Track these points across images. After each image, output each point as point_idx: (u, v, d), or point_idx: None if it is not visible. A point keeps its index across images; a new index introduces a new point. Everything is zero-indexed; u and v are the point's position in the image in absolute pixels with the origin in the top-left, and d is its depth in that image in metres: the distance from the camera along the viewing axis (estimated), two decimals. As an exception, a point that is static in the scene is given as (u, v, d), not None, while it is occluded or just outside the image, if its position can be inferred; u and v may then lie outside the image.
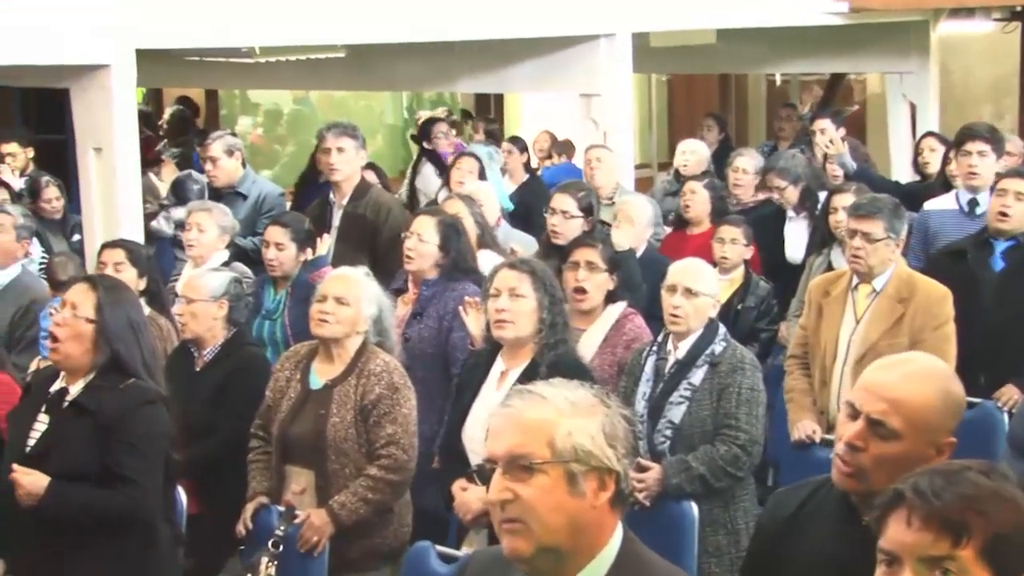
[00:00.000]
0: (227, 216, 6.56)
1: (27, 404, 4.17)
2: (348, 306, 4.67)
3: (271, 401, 4.77)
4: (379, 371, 4.61)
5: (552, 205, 6.33)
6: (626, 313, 5.28)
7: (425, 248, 5.57)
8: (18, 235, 5.99)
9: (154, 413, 4.01)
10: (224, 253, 6.44)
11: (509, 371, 4.51)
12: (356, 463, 4.56)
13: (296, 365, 4.78)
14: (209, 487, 5.02)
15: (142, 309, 4.25)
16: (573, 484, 2.29)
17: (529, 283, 4.47)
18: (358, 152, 6.83)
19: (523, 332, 4.47)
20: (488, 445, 2.36)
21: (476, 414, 4.45)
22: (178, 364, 5.25)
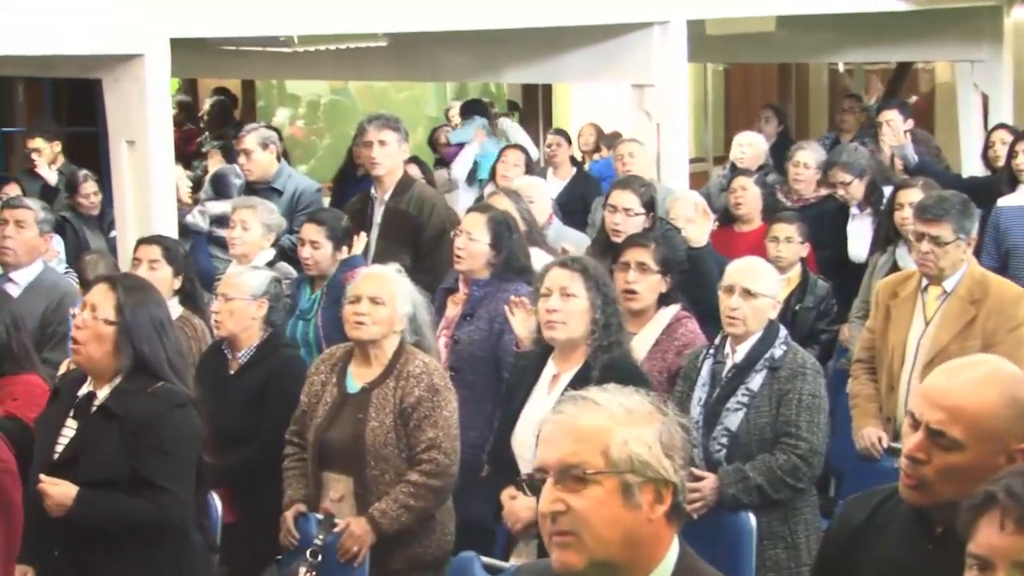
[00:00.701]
0: (273, 213, 6.59)
1: (54, 409, 4.20)
2: (383, 305, 4.68)
3: (306, 406, 4.78)
4: (418, 372, 4.62)
5: (612, 202, 6.30)
6: (679, 316, 5.27)
7: (476, 247, 5.57)
8: (40, 229, 6.04)
9: (184, 417, 4.03)
10: (269, 252, 6.47)
11: (561, 374, 4.50)
12: (396, 469, 4.57)
13: (332, 368, 4.80)
14: (245, 495, 5.04)
15: (167, 307, 4.26)
16: (628, 496, 2.28)
17: (581, 282, 4.46)
18: (400, 145, 6.83)
19: (575, 333, 4.46)
20: (539, 453, 2.35)
21: (526, 419, 4.44)
22: (211, 366, 5.28)
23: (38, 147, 8.96)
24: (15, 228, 5.95)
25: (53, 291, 5.84)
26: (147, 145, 6.54)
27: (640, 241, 5.46)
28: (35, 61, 6.72)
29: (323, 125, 14.55)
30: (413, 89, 15.16)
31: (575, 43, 8.87)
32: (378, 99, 14.44)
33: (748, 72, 15.92)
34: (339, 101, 14.73)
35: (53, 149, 8.99)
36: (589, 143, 11.91)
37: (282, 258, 6.69)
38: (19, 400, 4.46)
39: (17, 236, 5.93)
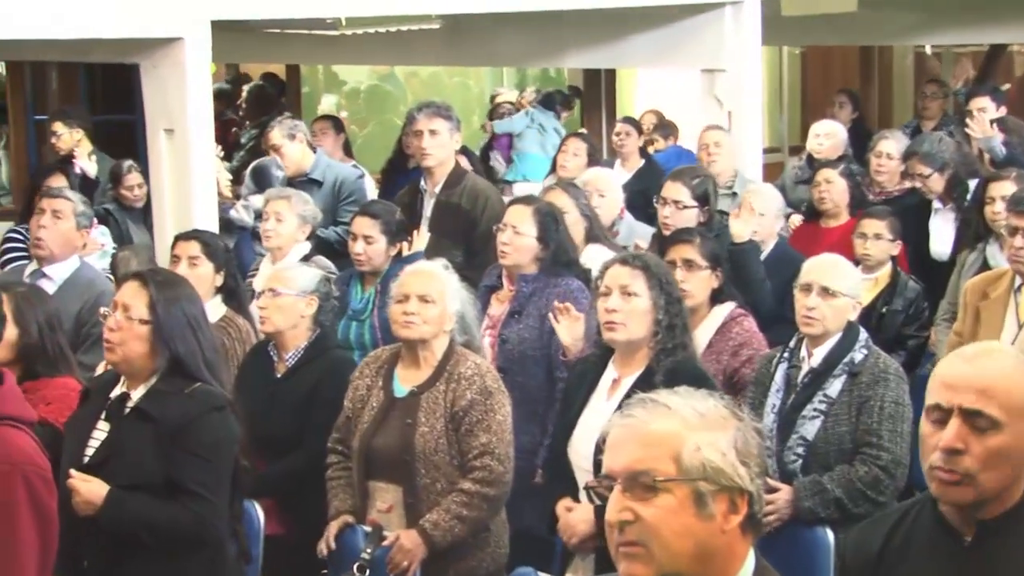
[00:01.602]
0: (308, 204, 6.61)
1: (86, 410, 4.25)
2: (433, 304, 4.70)
3: (351, 412, 4.81)
4: (470, 375, 4.64)
5: (663, 195, 6.30)
6: (734, 315, 5.26)
7: (522, 241, 5.59)
8: (78, 223, 6.04)
9: (221, 421, 4.07)
10: (305, 245, 6.50)
11: (622, 379, 4.50)
12: (448, 477, 4.59)
13: (377, 371, 4.82)
14: (292, 506, 5.07)
15: (200, 302, 4.30)
16: (701, 505, 2.28)
17: (643, 280, 4.46)
18: (452, 135, 6.84)
19: (636, 335, 4.46)
20: (605, 459, 2.35)
21: (584, 427, 4.45)
22: (256, 369, 5.30)
23: (57, 132, 9.00)
24: (51, 218, 5.94)
25: (90, 289, 5.85)
26: (187, 134, 6.60)
27: (684, 237, 5.46)
28: (69, 45, 6.78)
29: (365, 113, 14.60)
30: (467, 75, 15.19)
31: (641, 25, 8.86)
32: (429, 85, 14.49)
33: (827, 55, 15.82)
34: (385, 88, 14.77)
35: (73, 136, 9.02)
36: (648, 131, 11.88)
37: (328, 253, 6.71)
38: (53, 404, 4.48)
39: (53, 227, 5.93)
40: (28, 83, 10.89)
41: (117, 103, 11.17)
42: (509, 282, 5.66)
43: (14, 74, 10.89)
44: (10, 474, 3.24)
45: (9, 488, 3.23)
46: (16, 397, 3.44)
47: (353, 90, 14.71)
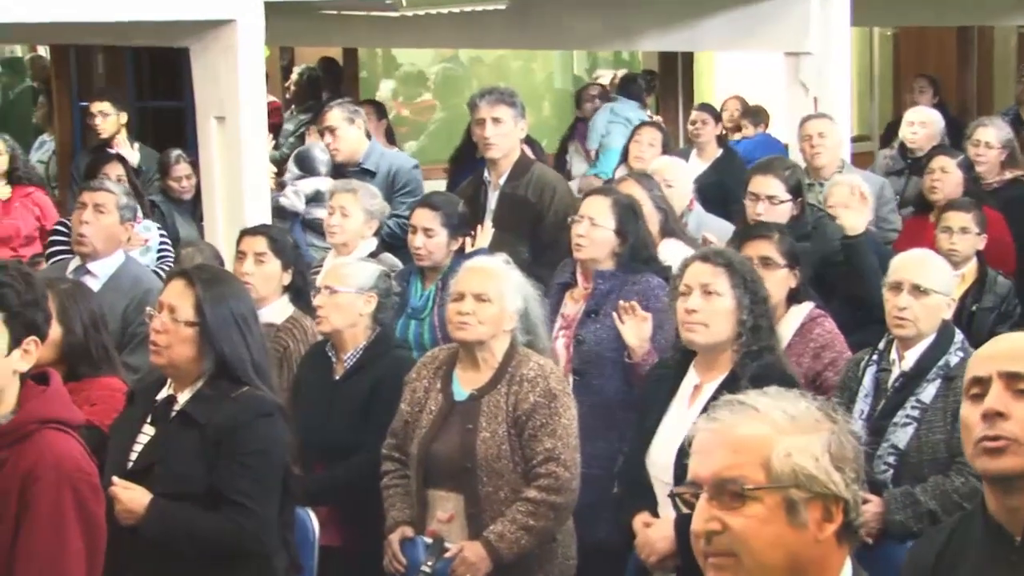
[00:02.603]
0: (375, 198, 6.62)
1: (131, 413, 4.29)
2: (490, 303, 4.71)
3: (408, 416, 4.83)
4: (533, 376, 4.65)
5: (753, 190, 6.27)
6: (813, 315, 5.24)
7: (599, 234, 5.58)
8: (122, 216, 6.08)
9: (269, 427, 4.10)
10: (372, 241, 6.52)
11: (704, 384, 4.49)
12: (511, 484, 4.60)
13: (435, 373, 4.84)
14: (350, 514, 5.10)
15: (250, 300, 4.35)
16: (793, 514, 2.29)
17: (726, 279, 4.45)
18: (517, 123, 6.84)
19: (719, 337, 4.45)
20: (692, 465, 2.36)
21: (663, 436, 4.44)
22: (314, 371, 5.33)
23: (105, 112, 9.04)
24: (93, 213, 5.99)
25: (136, 286, 5.88)
26: (239, 122, 6.65)
27: (762, 232, 5.44)
28: (115, 28, 6.84)
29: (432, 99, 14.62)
30: (535, 59, 15.18)
31: (720, 5, 8.83)
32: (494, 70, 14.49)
33: (921, 37, 15.67)
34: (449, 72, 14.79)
35: (119, 120, 9.08)
36: (733, 119, 11.84)
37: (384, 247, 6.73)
38: (97, 405, 4.52)
39: (95, 222, 5.98)
40: (73, 68, 10.99)
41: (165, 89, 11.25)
42: (584, 279, 5.64)
43: (58, 59, 10.99)
44: (58, 482, 3.28)
45: (57, 496, 3.27)
46: (62, 399, 3.47)
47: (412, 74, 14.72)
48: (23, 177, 8.58)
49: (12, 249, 8.30)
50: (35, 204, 8.55)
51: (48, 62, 11.91)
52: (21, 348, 3.34)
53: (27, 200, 8.53)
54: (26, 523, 3.25)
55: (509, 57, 14.92)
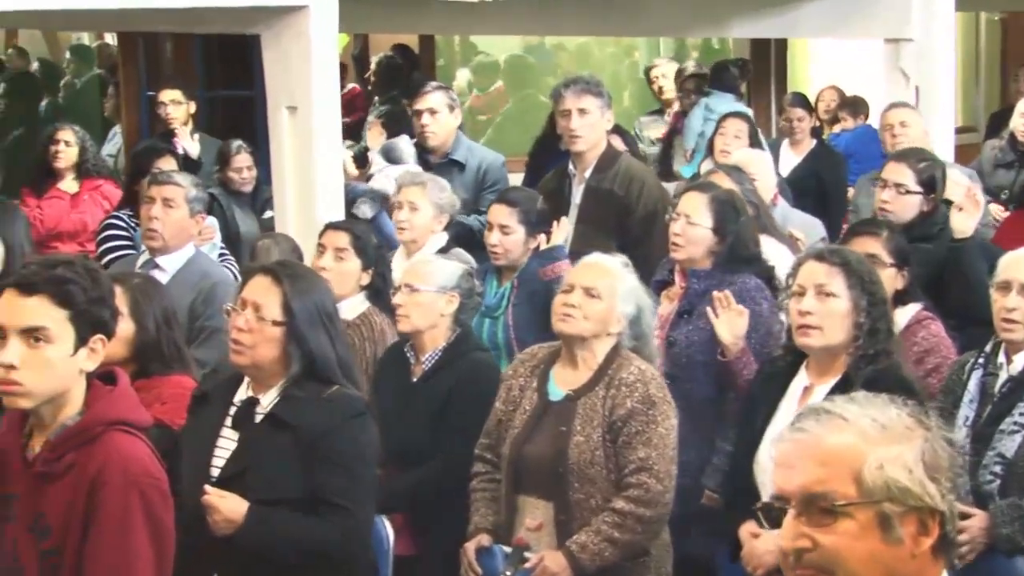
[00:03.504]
0: (444, 191, 6.60)
1: (207, 416, 4.29)
2: (599, 300, 4.71)
3: (502, 414, 4.84)
4: (632, 381, 4.64)
5: (883, 176, 6.23)
6: (920, 318, 5.21)
7: (696, 232, 5.55)
8: (191, 209, 6.13)
9: (363, 427, 4.13)
10: (442, 236, 6.50)
11: (815, 387, 4.48)
12: (604, 493, 4.59)
13: (532, 371, 4.85)
14: (425, 522, 5.12)
15: (333, 298, 4.37)
16: (887, 528, 2.27)
17: (841, 279, 4.43)
18: (603, 113, 6.83)
19: (833, 340, 4.44)
20: (776, 478, 2.35)
21: (771, 438, 4.40)
22: (391, 372, 5.35)
23: (177, 100, 9.11)
24: (163, 207, 6.04)
25: (204, 280, 5.94)
26: (311, 112, 6.68)
27: (870, 229, 5.40)
28: (184, 15, 6.91)
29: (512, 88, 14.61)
30: (621, 46, 15.15)
31: (817, -11, 8.78)
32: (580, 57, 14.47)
33: (1031, 22, 15.49)
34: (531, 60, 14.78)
35: (188, 109, 9.15)
36: (830, 110, 11.74)
37: (466, 243, 6.71)
38: (168, 404, 4.55)
39: (165, 216, 6.03)
40: (141, 56, 11.09)
41: (235, 78, 11.32)
42: (680, 278, 5.62)
43: (126, 46, 11.08)
44: (125, 487, 3.31)
45: (124, 503, 3.30)
46: (130, 400, 3.50)
47: (493, 63, 14.71)
48: (92, 170, 8.69)
49: (80, 244, 8.40)
50: (104, 197, 8.65)
51: (116, 50, 12.03)
52: (87, 347, 3.38)
53: (96, 193, 8.64)
54: (93, 529, 3.29)
55: (593, 45, 14.90)
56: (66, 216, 8.49)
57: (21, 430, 3.44)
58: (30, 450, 3.41)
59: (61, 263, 3.40)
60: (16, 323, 3.32)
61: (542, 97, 12.19)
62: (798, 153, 9.48)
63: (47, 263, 3.42)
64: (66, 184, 8.63)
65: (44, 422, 3.39)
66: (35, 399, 3.34)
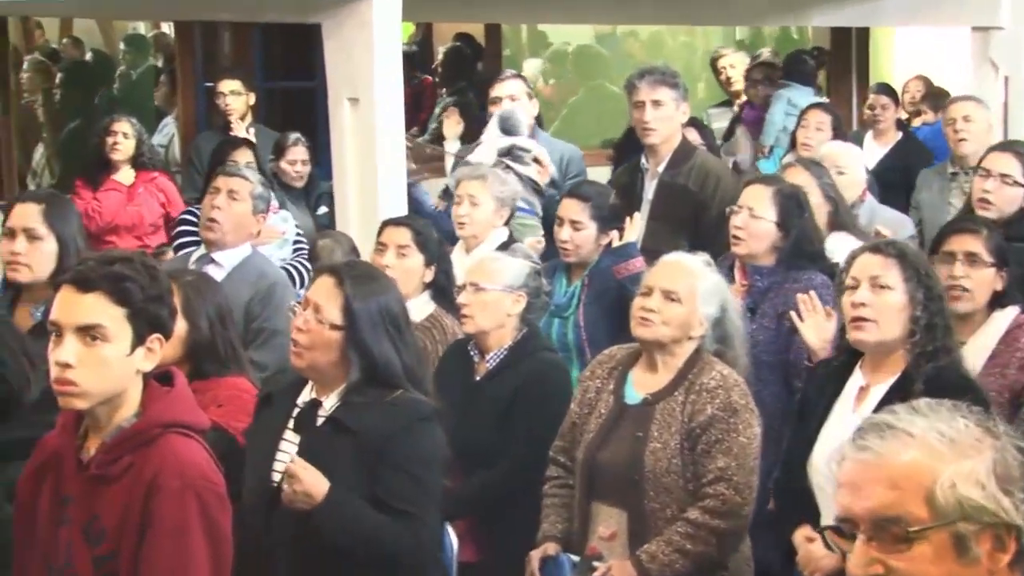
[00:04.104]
0: (506, 184, 6.61)
1: (269, 419, 4.32)
2: (679, 303, 4.70)
3: (577, 417, 4.83)
4: (713, 386, 4.63)
5: (986, 166, 6.20)
6: (1021, 321, 5.15)
7: (759, 226, 5.55)
8: (255, 206, 6.14)
9: (429, 432, 4.13)
10: (502, 231, 6.52)
11: (871, 387, 4.46)
12: (680, 503, 4.58)
13: (610, 373, 4.84)
14: (489, 528, 5.13)
15: (402, 300, 4.36)
16: (963, 549, 2.26)
17: (897, 271, 4.41)
18: (679, 106, 6.82)
19: (889, 335, 4.41)
20: (842, 499, 2.33)
21: (826, 442, 4.40)
22: (453, 371, 5.35)
23: (237, 91, 9.13)
24: (227, 199, 6.07)
25: (261, 279, 5.93)
26: (373, 104, 6.70)
27: (969, 226, 5.35)
28: (243, 3, 6.96)
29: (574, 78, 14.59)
30: (695, 35, 15.11)
31: (901, -24, 8.72)
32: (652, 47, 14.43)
33: None
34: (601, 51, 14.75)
35: (248, 101, 9.18)
36: (915, 101, 11.65)
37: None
38: (224, 407, 4.56)
39: (227, 209, 6.06)
40: (198, 46, 11.14)
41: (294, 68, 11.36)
42: (741, 275, 5.63)
43: (183, 36, 11.13)
44: (181, 491, 3.31)
45: (180, 507, 3.30)
46: (187, 402, 3.51)
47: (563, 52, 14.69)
48: (148, 163, 8.73)
49: (137, 238, 8.44)
50: (160, 190, 8.70)
51: (172, 40, 12.10)
52: (145, 346, 3.38)
53: (151, 185, 8.67)
54: (149, 534, 3.30)
55: (665, 33, 14.86)
56: (123, 209, 8.53)
57: (76, 431, 3.45)
58: (85, 452, 3.42)
59: (119, 259, 3.42)
60: (72, 321, 3.33)
61: (613, 87, 12.15)
62: (882, 145, 9.42)
63: (105, 259, 3.43)
64: (122, 176, 8.67)
65: (100, 423, 3.40)
66: (90, 399, 3.35)
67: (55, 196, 5.65)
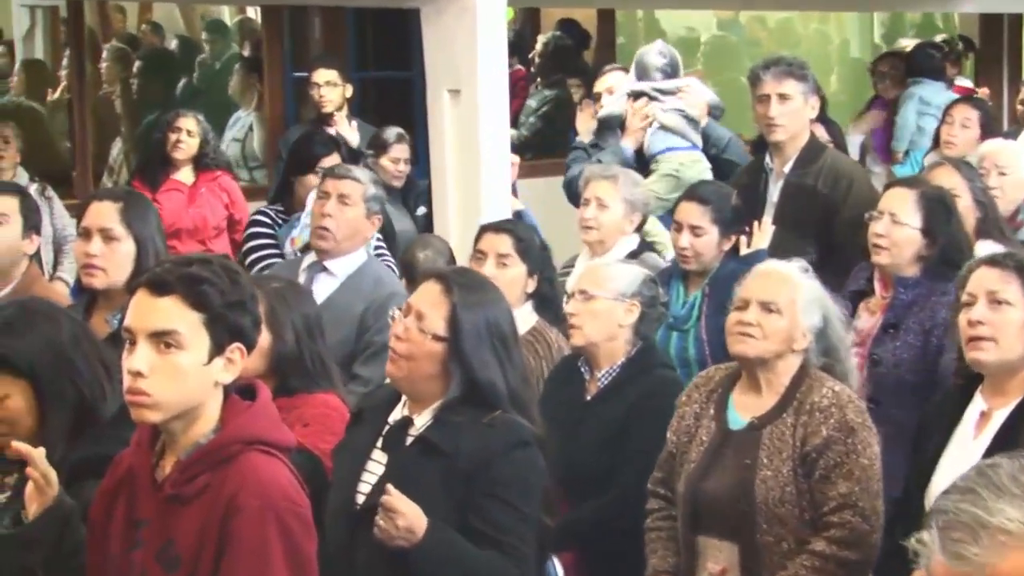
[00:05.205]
0: (637, 186, 6.61)
1: (358, 436, 4.31)
2: (779, 315, 4.69)
3: (675, 446, 4.83)
4: (826, 405, 4.60)
5: None
6: None
7: (901, 233, 5.52)
8: (368, 209, 6.12)
9: (528, 458, 4.11)
10: (633, 238, 6.53)
11: (993, 411, 4.45)
12: (796, 534, 4.56)
13: (708, 397, 4.83)
14: (599, 561, 5.12)
15: (512, 317, 4.33)
16: None
17: (1017, 286, 4.40)
18: (808, 100, 6.78)
19: (1010, 354, 4.40)
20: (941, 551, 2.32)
21: (946, 470, 4.38)
22: (562, 389, 5.35)
23: (332, 82, 9.14)
24: (337, 205, 6.05)
25: (377, 288, 5.88)
26: (476, 96, 6.72)
27: None
28: (336, -13, 7.00)
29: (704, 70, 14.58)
30: (827, 22, 15.04)
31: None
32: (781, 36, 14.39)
33: None
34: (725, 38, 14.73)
35: (344, 92, 9.15)
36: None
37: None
38: (311, 426, 4.57)
39: (339, 215, 6.04)
40: (286, 33, 11.22)
41: (390, 57, 11.42)
42: (882, 287, 5.60)
43: (270, 22, 11.21)
44: (262, 512, 3.32)
45: (261, 529, 3.31)
46: (271, 418, 3.52)
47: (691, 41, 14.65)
48: (211, 162, 8.74)
49: (200, 242, 8.46)
50: (223, 190, 8.74)
51: (258, 26, 12.19)
52: (224, 356, 3.39)
53: (214, 185, 8.71)
54: (227, 558, 3.30)
55: (796, 20, 14.80)
56: (185, 211, 8.54)
57: (152, 449, 3.47)
58: (160, 471, 3.44)
59: (197, 261, 3.43)
60: (145, 326, 3.34)
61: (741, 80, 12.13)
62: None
63: (182, 261, 3.44)
64: (182, 175, 8.69)
65: (175, 439, 3.42)
66: (164, 412, 3.36)
67: (133, 194, 5.69)
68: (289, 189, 7.47)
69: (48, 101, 12.05)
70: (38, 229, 5.94)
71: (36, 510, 3.49)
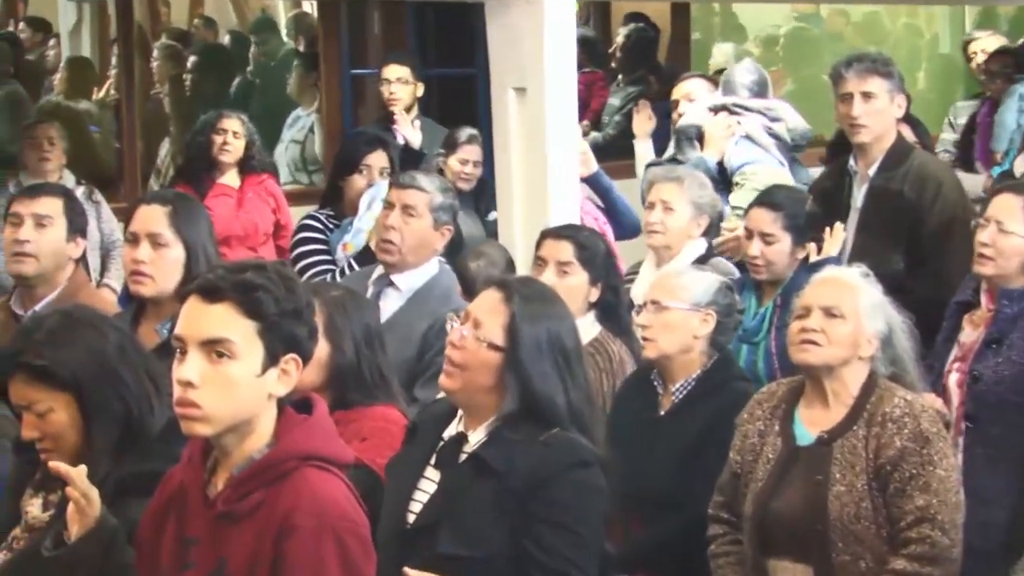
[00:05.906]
0: (705, 188, 6.60)
1: (412, 453, 4.32)
2: (843, 319, 4.69)
3: (739, 466, 4.83)
4: (899, 415, 4.60)
5: None
6: None
7: (1009, 242, 5.48)
8: (436, 220, 6.04)
9: (588, 480, 4.09)
10: (700, 243, 6.52)
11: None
12: (874, 552, 4.56)
13: (772, 412, 4.83)
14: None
15: (577, 333, 4.32)
16: None
17: None
18: (894, 98, 6.74)
19: None
20: None
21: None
22: (633, 405, 5.35)
23: (404, 78, 9.00)
24: (402, 216, 5.99)
25: (444, 303, 5.80)
26: (543, 94, 6.71)
27: None
28: (398, -19, 7.02)
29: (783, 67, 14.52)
30: (916, 16, 14.96)
31: None
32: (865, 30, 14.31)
33: None
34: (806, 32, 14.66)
35: (415, 91, 9.09)
36: None
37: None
38: (369, 440, 4.58)
39: (404, 227, 5.98)
40: (344, 29, 11.25)
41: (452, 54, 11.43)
42: (988, 299, 5.57)
43: (328, 17, 11.23)
44: (318, 532, 3.32)
45: (317, 549, 3.32)
46: (328, 432, 3.53)
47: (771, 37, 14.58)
48: (256, 166, 8.71)
49: (250, 248, 8.39)
50: (269, 194, 8.70)
51: (314, 21, 12.22)
52: (278, 367, 3.40)
53: (260, 189, 8.67)
54: (282, 578, 3.32)
55: (882, 14, 14.72)
56: (235, 217, 8.49)
57: (204, 465, 3.48)
58: (212, 487, 3.46)
59: (251, 267, 3.44)
60: (197, 334, 3.36)
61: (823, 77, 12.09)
62: None
63: (236, 267, 3.45)
64: (228, 179, 8.64)
65: (228, 454, 3.43)
66: (215, 425, 3.37)
67: (183, 198, 5.67)
68: (339, 193, 7.48)
69: (94, 100, 12.06)
70: (83, 232, 5.91)
71: (78, 531, 3.52)
